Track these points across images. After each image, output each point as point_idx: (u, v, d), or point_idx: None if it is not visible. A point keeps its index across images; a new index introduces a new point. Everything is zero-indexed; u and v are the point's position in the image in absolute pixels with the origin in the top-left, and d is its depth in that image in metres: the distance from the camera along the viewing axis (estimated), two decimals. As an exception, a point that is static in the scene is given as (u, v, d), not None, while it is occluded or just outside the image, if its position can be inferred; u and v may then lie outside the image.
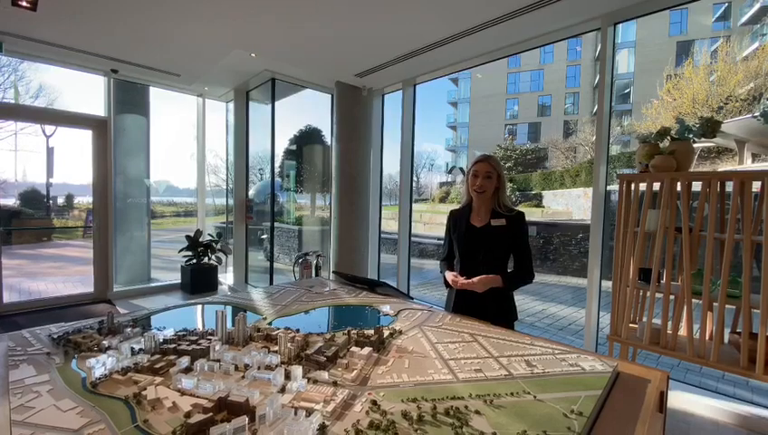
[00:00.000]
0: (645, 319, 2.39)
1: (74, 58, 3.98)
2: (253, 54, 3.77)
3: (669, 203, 2.19)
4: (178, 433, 0.80)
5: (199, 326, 1.40)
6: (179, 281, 5.54)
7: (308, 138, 7.45)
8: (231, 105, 5.54)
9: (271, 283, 4.80)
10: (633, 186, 2.39)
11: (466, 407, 0.90)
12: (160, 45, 3.67)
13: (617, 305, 2.43)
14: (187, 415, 0.85)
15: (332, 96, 4.72)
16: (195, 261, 5.40)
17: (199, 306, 1.81)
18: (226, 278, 5.79)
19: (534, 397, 0.96)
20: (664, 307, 2.26)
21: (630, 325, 2.41)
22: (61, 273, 6.97)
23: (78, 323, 1.43)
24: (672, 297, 2.26)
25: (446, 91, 30.48)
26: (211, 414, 0.83)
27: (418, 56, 3.56)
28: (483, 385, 1.02)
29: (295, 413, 0.86)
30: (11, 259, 7.74)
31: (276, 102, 4.69)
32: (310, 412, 0.86)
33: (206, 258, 5.49)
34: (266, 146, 4.80)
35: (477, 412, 0.88)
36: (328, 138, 5.19)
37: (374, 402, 0.91)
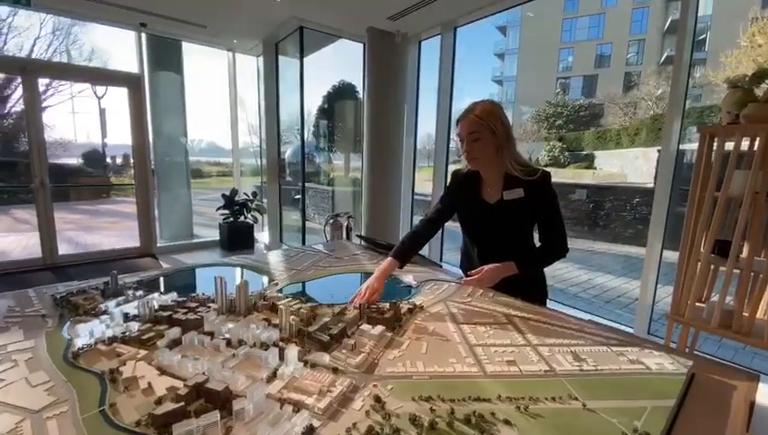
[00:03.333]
0: (714, 298, 2.06)
1: (103, 12, 3.90)
2: (278, -1, 3.49)
3: (765, 162, 1.78)
4: (143, 424, 0.68)
5: (204, 291, 1.30)
6: (219, 238, 5.70)
7: (343, 94, 7.15)
8: (262, 60, 5.34)
9: (303, 243, 4.79)
10: (717, 141, 1.97)
11: (493, 413, 0.72)
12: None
13: (682, 281, 2.10)
14: (159, 401, 0.73)
15: (364, 45, 4.36)
16: (231, 219, 5.50)
17: (213, 268, 1.73)
18: (263, 237, 5.89)
19: (583, 405, 0.75)
20: (741, 285, 1.92)
21: (697, 304, 2.09)
22: (115, 227, 7.45)
23: (85, 282, 1.37)
24: (752, 275, 1.92)
25: (492, 43, 28.30)
26: (183, 404, 0.70)
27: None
28: (516, 383, 0.82)
29: (281, 407, 0.71)
30: (72, 214, 8.39)
31: (309, 57, 4.42)
32: (298, 408, 0.71)
33: (243, 217, 5.57)
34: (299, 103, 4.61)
35: (507, 422, 0.70)
36: (362, 94, 4.90)
37: (378, 399, 0.75)
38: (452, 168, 4.44)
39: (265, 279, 1.52)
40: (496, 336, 1.04)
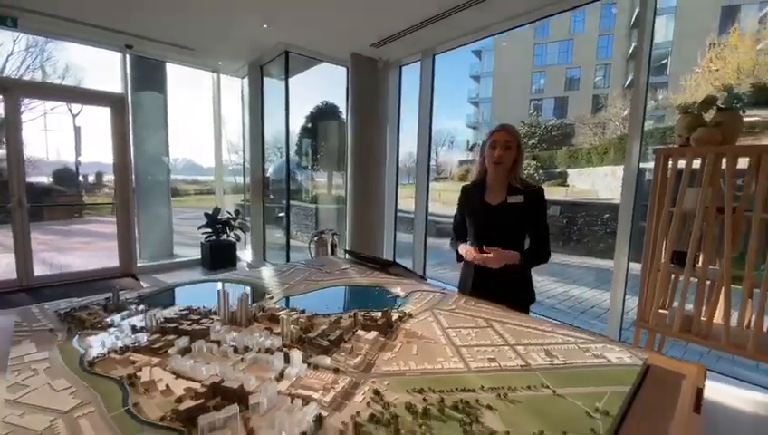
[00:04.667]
0: (676, 305, 2.25)
1: (89, 34, 3.95)
2: (265, 26, 3.64)
3: (712, 180, 2.00)
4: (168, 419, 0.75)
5: (205, 305, 1.37)
6: (200, 257, 5.65)
7: (326, 114, 7.32)
8: (246, 81, 5.46)
9: (287, 260, 4.82)
10: (671, 161, 2.20)
11: (477, 401, 0.83)
12: (173, 18, 3.58)
13: (646, 290, 2.28)
14: (179, 400, 0.80)
15: (347, 69, 4.55)
16: (214, 238, 5.48)
17: (207, 284, 1.79)
18: (245, 255, 5.87)
19: (554, 392, 0.87)
20: (698, 293, 2.11)
21: (660, 311, 2.27)
22: (90, 248, 7.25)
23: (86, 299, 1.42)
24: (707, 283, 2.11)
25: (468, 65, 29.43)
26: (202, 401, 0.78)
27: (439, 22, 3.34)
28: (496, 376, 0.94)
29: (291, 401, 0.80)
30: (44, 234, 8.10)
31: (293, 78, 4.57)
32: (307, 401, 0.80)
33: (225, 235, 5.56)
34: (283, 123, 4.73)
35: (489, 407, 0.81)
36: (345, 114, 5.07)
37: (377, 392, 0.85)
38: (434, 185, 4.62)
39: (261, 293, 1.59)
40: (478, 338, 1.15)
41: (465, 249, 1.73)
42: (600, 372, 0.96)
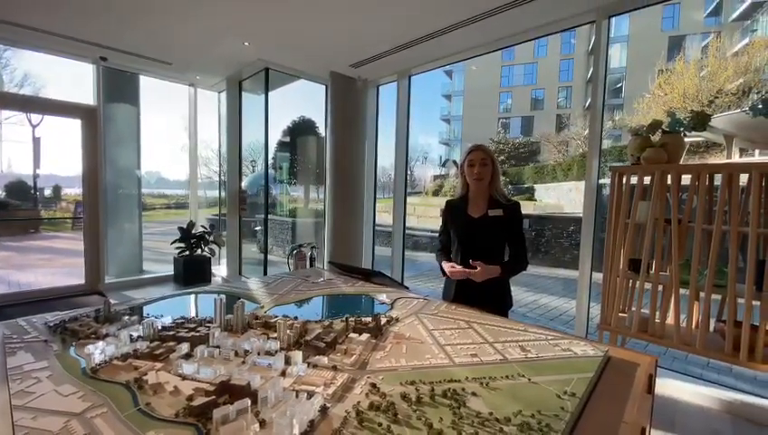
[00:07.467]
0: (634, 308, 2.45)
1: (61, 45, 3.88)
2: (246, 43, 3.72)
3: (660, 195, 2.23)
4: (182, 416, 0.81)
5: (196, 314, 1.41)
6: (172, 273, 5.50)
7: (301, 129, 7.39)
8: (223, 96, 5.47)
9: (265, 274, 4.79)
10: (625, 178, 2.43)
11: (463, 389, 0.93)
12: (152, 33, 3.60)
13: (607, 295, 2.48)
14: (190, 398, 0.86)
15: (326, 87, 4.68)
16: (188, 253, 5.36)
17: (191, 296, 1.81)
18: (219, 270, 5.77)
19: (529, 380, 0.99)
20: (652, 297, 2.32)
21: (620, 314, 2.47)
22: (49, 265, 6.88)
23: (74, 311, 1.42)
24: (660, 287, 2.32)
25: (440, 84, 30.46)
26: (213, 397, 0.84)
27: (414, 47, 3.54)
28: (478, 369, 1.04)
29: (296, 396, 0.87)
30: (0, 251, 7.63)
31: (269, 93, 4.64)
32: (311, 395, 0.87)
33: (199, 250, 5.45)
34: (258, 137, 4.77)
35: (474, 394, 0.91)
36: (321, 129, 5.16)
37: (373, 385, 0.93)
38: (408, 199, 4.77)
39: (252, 303, 1.63)
40: (461, 337, 1.26)
41: (451, 269, 1.82)
42: (568, 363, 1.09)
